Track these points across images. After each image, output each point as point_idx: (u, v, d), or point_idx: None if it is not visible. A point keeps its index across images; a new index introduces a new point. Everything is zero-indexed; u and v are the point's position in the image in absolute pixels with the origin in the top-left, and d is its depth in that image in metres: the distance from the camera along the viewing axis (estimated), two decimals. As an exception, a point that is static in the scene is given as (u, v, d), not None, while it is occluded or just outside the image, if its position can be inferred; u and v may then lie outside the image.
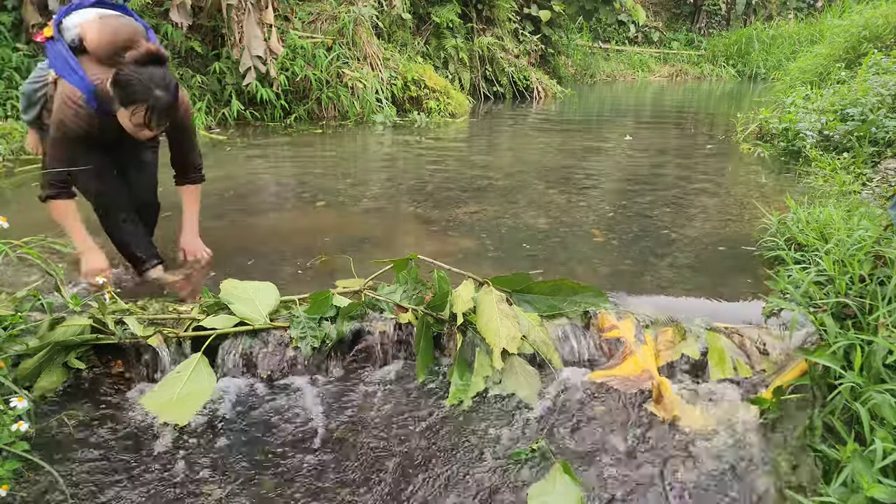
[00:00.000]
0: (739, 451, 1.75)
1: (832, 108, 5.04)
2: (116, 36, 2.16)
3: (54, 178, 2.20)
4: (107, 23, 2.18)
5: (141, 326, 1.98)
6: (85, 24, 2.18)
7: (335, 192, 3.94)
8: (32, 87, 2.31)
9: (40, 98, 2.31)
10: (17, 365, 1.83)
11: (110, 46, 2.15)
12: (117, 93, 2.05)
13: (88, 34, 2.16)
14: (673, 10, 18.47)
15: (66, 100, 2.10)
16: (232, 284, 2.14)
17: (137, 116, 2.07)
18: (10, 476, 1.50)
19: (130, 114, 2.06)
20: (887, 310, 1.75)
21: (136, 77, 2.03)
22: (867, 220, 2.56)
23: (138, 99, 2.04)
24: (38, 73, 2.31)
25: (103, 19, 2.19)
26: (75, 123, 2.12)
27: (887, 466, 1.43)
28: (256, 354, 2.04)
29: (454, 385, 1.95)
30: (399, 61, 7.60)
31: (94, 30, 2.16)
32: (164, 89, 2.07)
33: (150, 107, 2.05)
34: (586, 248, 3.00)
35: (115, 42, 2.15)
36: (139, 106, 2.05)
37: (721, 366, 2.04)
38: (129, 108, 2.06)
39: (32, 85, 2.31)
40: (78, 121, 2.12)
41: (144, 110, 2.05)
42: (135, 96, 2.03)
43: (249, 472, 1.67)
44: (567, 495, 1.57)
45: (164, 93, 2.06)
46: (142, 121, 2.08)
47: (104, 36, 2.15)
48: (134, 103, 2.04)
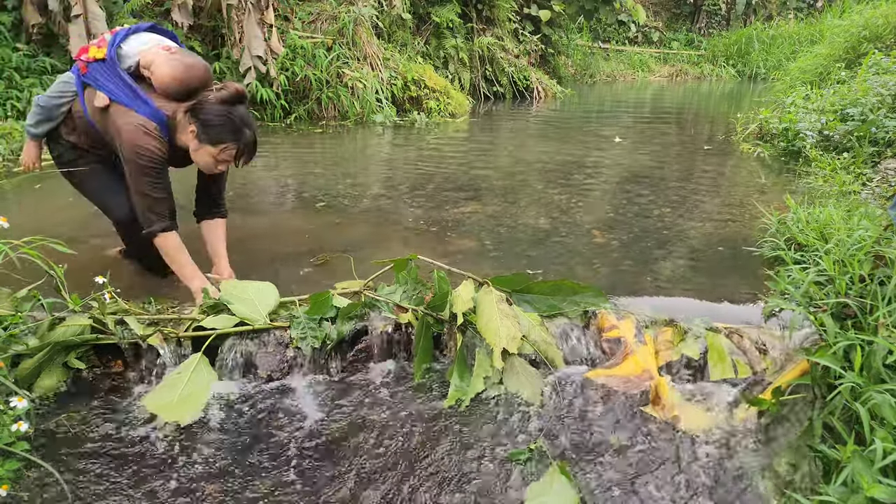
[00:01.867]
0: (739, 451, 1.75)
1: (832, 108, 5.04)
2: (189, 76, 2.11)
3: (158, 210, 2.13)
4: (178, 60, 2.12)
5: (141, 326, 1.98)
6: (152, 58, 2.12)
7: (335, 192, 3.94)
8: (55, 102, 2.21)
9: (61, 114, 2.23)
10: (17, 365, 1.83)
11: (182, 86, 2.10)
12: (204, 130, 2.04)
13: (158, 69, 2.10)
14: (673, 10, 18.47)
15: (142, 131, 2.04)
16: (231, 284, 2.14)
17: (227, 154, 2.09)
18: (10, 476, 1.50)
19: (218, 151, 2.07)
20: (887, 310, 1.75)
21: (228, 117, 2.04)
22: (867, 220, 2.56)
23: (229, 139, 2.06)
24: (61, 88, 2.21)
25: (173, 55, 2.13)
26: (159, 152, 2.09)
27: (887, 466, 1.43)
28: (256, 354, 2.04)
29: (454, 385, 1.95)
30: (399, 61, 7.60)
31: (166, 66, 2.10)
32: (251, 129, 2.10)
33: (242, 146, 2.08)
34: (586, 248, 3.00)
35: (188, 83, 2.11)
36: (230, 145, 2.07)
37: (721, 366, 2.04)
38: (217, 147, 2.06)
39: (55, 100, 2.21)
40: (160, 150, 2.09)
41: (235, 150, 2.08)
42: (226, 136, 2.05)
43: (249, 471, 1.67)
44: (564, 496, 1.57)
45: (251, 132, 2.10)
46: (230, 159, 2.11)
47: (177, 74, 2.10)
48: (223, 142, 2.06)
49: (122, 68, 2.12)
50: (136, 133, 2.04)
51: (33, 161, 2.39)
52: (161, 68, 2.10)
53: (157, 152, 2.08)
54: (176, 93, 2.11)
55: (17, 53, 4.91)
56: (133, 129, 2.04)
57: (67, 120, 2.24)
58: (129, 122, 2.05)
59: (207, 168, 2.16)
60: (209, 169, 2.16)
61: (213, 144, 2.07)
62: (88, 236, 3.02)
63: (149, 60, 2.13)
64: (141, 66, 2.15)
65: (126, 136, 2.05)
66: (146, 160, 2.07)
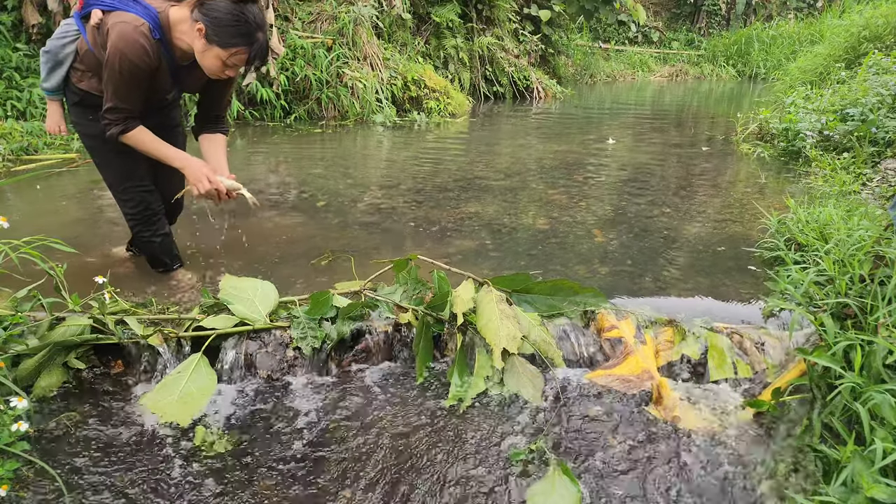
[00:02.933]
0: (739, 451, 1.75)
1: (832, 108, 5.04)
2: None
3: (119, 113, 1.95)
4: None
5: (141, 326, 1.98)
6: None
7: (335, 192, 3.94)
8: (59, 43, 2.08)
9: (67, 55, 2.08)
10: (17, 365, 1.83)
11: None
12: (214, 31, 1.86)
13: None
14: (673, 10, 18.46)
15: (127, 28, 1.85)
16: (231, 283, 2.14)
17: (237, 59, 1.91)
18: (10, 476, 1.50)
19: (228, 55, 1.90)
20: (887, 310, 1.75)
21: (242, 16, 1.85)
22: (867, 220, 2.56)
23: (241, 42, 1.88)
24: (64, 29, 2.10)
25: None
26: (141, 56, 1.89)
27: (887, 466, 1.43)
28: (256, 354, 2.04)
29: (454, 385, 1.95)
30: (399, 61, 7.60)
31: None
32: (264, 31, 1.91)
33: (254, 51, 1.91)
34: (586, 248, 3.00)
35: None
36: (241, 49, 1.89)
37: (721, 366, 2.04)
38: (227, 50, 1.88)
39: (59, 41, 2.08)
40: (143, 54, 1.89)
41: (246, 55, 1.90)
42: (238, 39, 1.87)
43: (249, 471, 1.67)
44: (566, 496, 1.56)
45: (264, 35, 1.91)
46: (241, 64, 1.93)
47: None
48: (235, 45, 1.88)
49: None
50: (124, 32, 1.87)
51: (58, 124, 2.29)
52: None
53: (135, 56, 1.89)
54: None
55: (18, 53, 4.91)
56: (121, 27, 1.87)
57: (76, 63, 2.09)
58: (118, 21, 1.89)
59: (213, 73, 1.98)
60: (215, 74, 1.98)
61: (222, 47, 1.89)
62: (88, 236, 3.02)
63: None
64: None
65: (114, 36, 1.88)
66: (118, 63, 1.88)
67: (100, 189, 3.93)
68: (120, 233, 3.16)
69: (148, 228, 2.32)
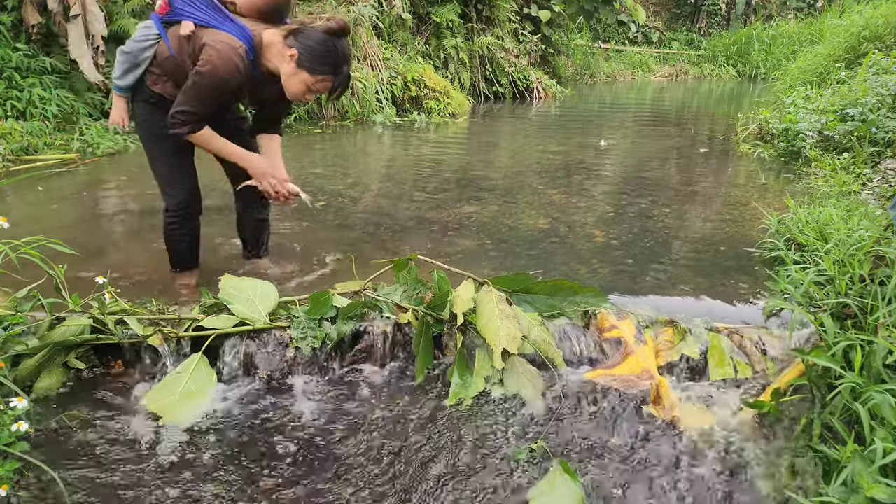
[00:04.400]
0: (739, 451, 1.75)
1: (832, 108, 5.04)
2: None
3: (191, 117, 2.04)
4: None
5: (141, 326, 1.98)
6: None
7: (335, 192, 3.94)
8: (140, 46, 2.12)
9: (146, 59, 2.14)
10: (17, 365, 1.83)
11: (271, 6, 2.07)
12: (307, 57, 1.99)
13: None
14: (673, 10, 18.46)
15: (223, 47, 1.96)
16: (231, 283, 2.13)
17: (321, 85, 2.04)
18: (10, 476, 1.50)
19: (315, 81, 2.03)
20: (887, 310, 1.75)
21: (334, 48, 2.00)
22: (867, 220, 2.56)
23: (329, 71, 2.01)
24: (144, 32, 2.14)
25: None
26: (234, 73, 2.00)
27: (887, 466, 1.43)
28: (256, 354, 2.04)
29: (454, 385, 1.95)
30: (399, 61, 7.60)
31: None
32: (349, 66, 2.07)
33: (338, 81, 2.05)
34: (586, 248, 3.00)
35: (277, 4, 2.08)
36: (328, 77, 2.03)
37: (721, 366, 2.04)
38: (315, 76, 2.02)
39: (139, 43, 2.13)
40: (236, 73, 2.00)
41: (332, 83, 2.04)
42: (327, 67, 2.01)
43: (249, 471, 1.67)
44: (568, 495, 1.56)
45: (348, 69, 2.07)
46: (324, 90, 2.06)
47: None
48: (323, 73, 2.01)
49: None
50: (221, 49, 1.98)
51: (122, 117, 2.35)
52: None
53: (228, 74, 2.00)
54: (265, 11, 2.09)
55: (18, 53, 4.91)
56: (218, 45, 1.98)
57: (152, 67, 2.15)
58: (216, 39, 2.00)
59: (296, 96, 2.09)
60: (298, 97, 2.10)
61: (311, 73, 2.02)
62: (89, 236, 3.02)
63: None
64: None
65: (211, 52, 1.98)
66: (210, 77, 1.99)
67: (100, 189, 3.93)
68: (120, 233, 3.16)
69: (182, 227, 2.37)
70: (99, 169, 4.44)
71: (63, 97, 5.05)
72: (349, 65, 2.07)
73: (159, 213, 2.59)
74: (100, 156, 4.76)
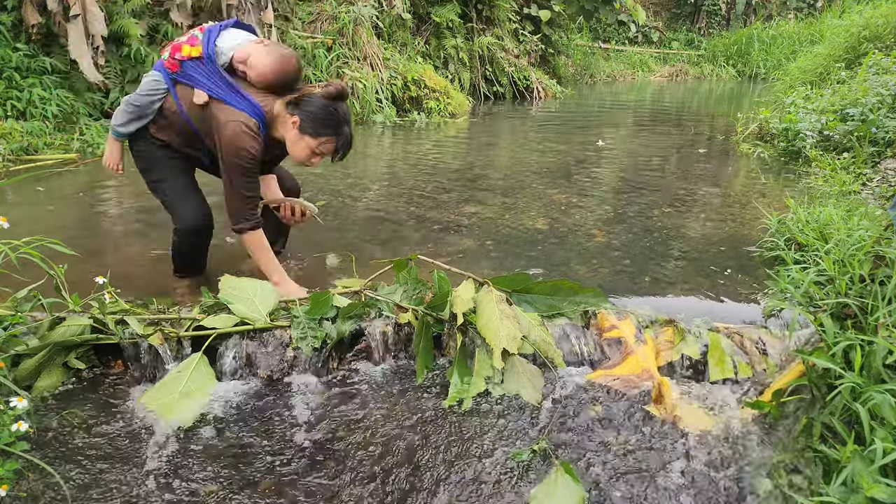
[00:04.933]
0: (739, 451, 1.75)
1: (832, 108, 5.04)
2: (287, 68, 2.15)
3: (249, 209, 2.18)
4: (276, 53, 2.15)
5: (141, 326, 1.98)
6: (249, 51, 2.14)
7: (335, 192, 3.94)
8: (149, 99, 2.19)
9: (153, 112, 2.21)
10: (17, 365, 1.83)
11: (281, 76, 2.14)
12: (309, 122, 2.08)
13: (257, 61, 2.12)
14: (673, 10, 18.46)
15: (242, 128, 2.07)
16: (231, 283, 2.13)
17: (325, 147, 2.12)
18: (10, 476, 1.50)
19: (318, 144, 2.10)
20: (887, 310, 1.75)
21: (333, 111, 2.08)
22: (867, 220, 2.56)
23: (331, 133, 2.09)
24: (152, 86, 2.19)
25: (271, 48, 2.16)
26: (255, 152, 2.11)
27: (887, 466, 1.43)
28: (256, 354, 2.04)
29: (454, 385, 1.95)
30: (399, 61, 7.60)
31: (266, 58, 2.12)
32: (350, 127, 2.15)
33: (341, 143, 2.12)
34: (586, 248, 3.00)
35: (287, 74, 2.14)
36: (330, 139, 2.10)
37: (721, 366, 2.04)
38: (317, 139, 2.09)
39: (148, 97, 2.19)
40: (255, 149, 2.10)
41: (335, 144, 2.12)
42: (329, 130, 2.09)
43: (249, 471, 1.67)
44: (569, 496, 1.56)
45: (349, 130, 2.14)
46: (328, 152, 2.14)
47: (276, 65, 2.13)
48: (326, 135, 2.09)
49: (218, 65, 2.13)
50: (238, 132, 2.07)
51: (118, 162, 2.37)
52: (261, 60, 2.12)
53: (256, 153, 2.11)
54: (275, 83, 2.14)
55: (18, 53, 4.91)
56: (235, 126, 2.07)
57: (158, 118, 2.23)
58: (231, 120, 2.08)
59: (301, 161, 2.17)
60: (303, 162, 2.17)
61: (314, 136, 2.09)
62: (89, 236, 3.02)
63: (245, 54, 2.14)
64: (236, 60, 2.15)
65: (228, 134, 2.07)
66: (245, 160, 2.10)
67: (100, 189, 3.93)
68: (120, 233, 3.16)
69: (193, 244, 2.39)
70: (99, 169, 4.43)
71: (63, 97, 5.05)
72: (350, 126, 2.15)
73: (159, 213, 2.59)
74: (100, 156, 4.73)
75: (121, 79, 5.39)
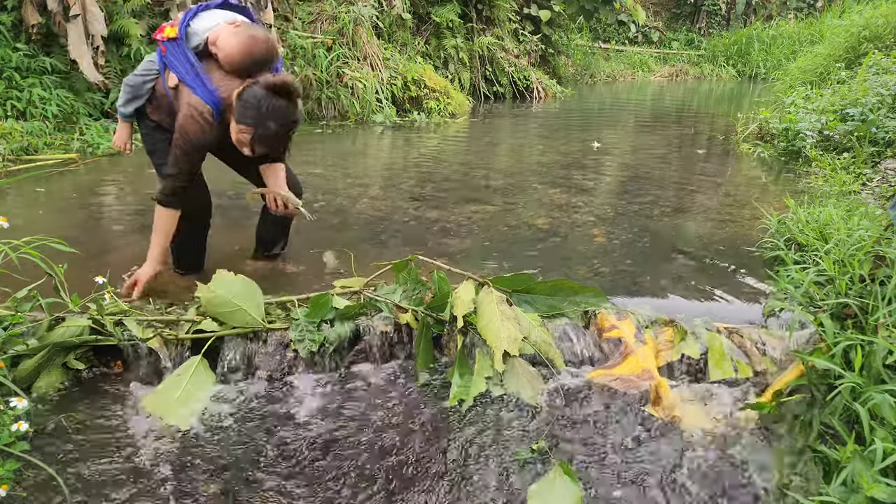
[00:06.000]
0: (739, 451, 1.75)
1: (832, 108, 5.04)
2: (253, 50, 2.10)
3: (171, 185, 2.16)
4: (244, 34, 2.12)
5: (140, 329, 1.98)
6: (217, 33, 2.13)
7: (335, 192, 3.93)
8: (141, 80, 2.24)
9: (147, 91, 2.25)
10: (16, 365, 1.83)
11: (247, 60, 2.10)
12: (238, 104, 2.05)
13: (224, 45, 2.10)
14: (673, 10, 18.46)
15: (193, 113, 2.07)
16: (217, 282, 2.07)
17: (243, 136, 2.07)
18: (11, 476, 1.50)
19: (238, 130, 2.07)
20: (887, 310, 1.75)
21: (261, 102, 2.01)
22: (867, 220, 2.56)
23: (250, 122, 2.03)
24: (147, 66, 2.24)
25: (239, 29, 2.13)
26: (201, 137, 2.11)
27: (887, 466, 1.43)
28: (256, 355, 2.04)
29: (454, 386, 1.95)
30: (399, 61, 7.60)
31: (232, 39, 2.10)
32: (280, 123, 2.04)
33: (258, 134, 2.05)
34: (586, 248, 3.00)
35: (253, 57, 2.10)
36: (247, 128, 2.04)
37: (721, 366, 2.04)
38: (239, 125, 2.06)
39: (141, 77, 2.24)
40: (203, 135, 2.11)
41: (250, 134, 2.05)
42: (249, 119, 2.02)
43: (249, 472, 1.67)
44: (567, 495, 1.56)
45: (276, 126, 2.03)
46: (246, 142, 2.08)
47: (242, 48, 2.09)
48: (245, 123, 2.04)
49: (190, 47, 2.13)
50: (187, 116, 2.07)
51: (125, 142, 2.43)
52: (227, 41, 2.10)
53: (196, 139, 2.10)
54: (242, 66, 2.11)
55: (18, 53, 4.91)
56: (186, 111, 2.08)
57: (152, 98, 2.27)
58: (185, 103, 2.09)
59: (239, 146, 2.14)
60: (238, 145, 2.14)
61: (237, 122, 2.06)
62: (89, 236, 3.02)
63: (215, 35, 2.14)
64: (210, 42, 2.15)
65: (180, 117, 2.10)
66: (187, 142, 2.10)
67: (100, 189, 3.93)
68: (120, 232, 3.16)
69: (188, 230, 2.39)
70: (99, 169, 4.44)
71: (63, 97, 5.05)
72: (278, 122, 2.03)
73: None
74: (100, 156, 4.75)
75: (121, 79, 5.38)
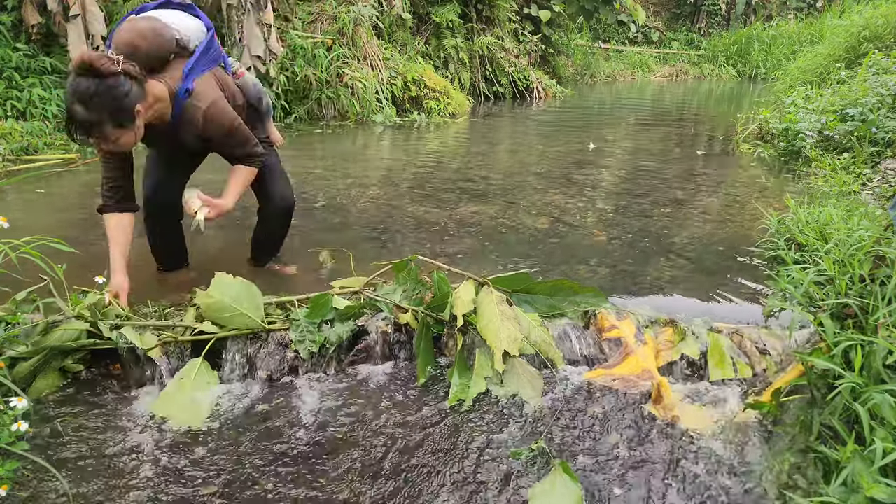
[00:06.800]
0: (739, 451, 1.75)
1: (832, 108, 5.04)
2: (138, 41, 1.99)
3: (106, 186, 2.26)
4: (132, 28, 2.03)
5: (138, 335, 1.95)
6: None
7: (335, 192, 3.93)
8: None
9: None
10: (13, 367, 1.83)
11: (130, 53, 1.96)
12: None
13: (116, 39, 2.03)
14: (673, 10, 18.46)
15: None
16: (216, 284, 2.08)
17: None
18: (11, 476, 1.50)
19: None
20: (888, 310, 1.75)
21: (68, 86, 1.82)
22: (867, 220, 2.56)
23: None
24: None
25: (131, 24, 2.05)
26: None
27: (887, 466, 1.43)
28: (256, 356, 2.04)
29: (454, 386, 1.95)
30: (399, 61, 7.60)
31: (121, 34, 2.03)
32: (85, 105, 1.79)
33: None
34: (586, 248, 3.00)
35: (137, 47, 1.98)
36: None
37: (721, 366, 2.04)
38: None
39: None
40: None
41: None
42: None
43: (249, 472, 1.67)
44: (567, 495, 1.56)
45: (82, 109, 1.79)
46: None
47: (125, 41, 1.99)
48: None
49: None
50: None
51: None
52: (118, 37, 2.01)
53: None
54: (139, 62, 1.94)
55: (18, 53, 4.91)
56: None
57: None
58: None
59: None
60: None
61: None
62: (89, 236, 3.02)
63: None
64: None
65: None
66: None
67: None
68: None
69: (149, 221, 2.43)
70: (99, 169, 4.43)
71: (63, 97, 5.05)
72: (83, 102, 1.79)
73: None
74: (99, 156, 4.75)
75: (121, 79, 5.38)
